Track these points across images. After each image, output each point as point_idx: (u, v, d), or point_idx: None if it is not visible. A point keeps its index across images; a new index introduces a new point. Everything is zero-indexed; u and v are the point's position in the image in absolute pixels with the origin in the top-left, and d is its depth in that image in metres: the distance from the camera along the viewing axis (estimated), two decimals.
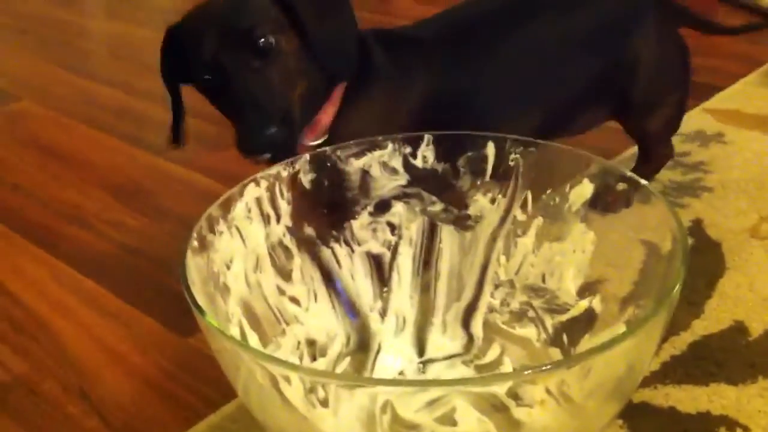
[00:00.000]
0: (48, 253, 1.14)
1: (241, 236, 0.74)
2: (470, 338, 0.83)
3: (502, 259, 0.83)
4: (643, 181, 0.72)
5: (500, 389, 0.68)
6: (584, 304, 0.77)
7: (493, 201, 0.83)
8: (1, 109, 1.71)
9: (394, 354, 0.83)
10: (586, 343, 0.75)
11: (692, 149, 1.24)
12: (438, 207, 0.85)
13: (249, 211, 0.76)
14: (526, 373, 0.69)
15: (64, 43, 2.14)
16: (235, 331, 0.70)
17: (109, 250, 1.15)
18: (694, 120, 1.34)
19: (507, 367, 0.79)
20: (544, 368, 0.62)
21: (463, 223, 0.85)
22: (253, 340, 0.72)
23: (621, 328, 0.70)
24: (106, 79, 1.85)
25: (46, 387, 0.88)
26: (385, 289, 0.85)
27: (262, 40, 0.86)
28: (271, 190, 0.78)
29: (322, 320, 0.81)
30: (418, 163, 0.84)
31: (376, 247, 0.85)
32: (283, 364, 0.58)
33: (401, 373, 0.81)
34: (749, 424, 0.74)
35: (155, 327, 0.97)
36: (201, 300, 0.60)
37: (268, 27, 0.87)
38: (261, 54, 0.86)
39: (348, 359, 0.81)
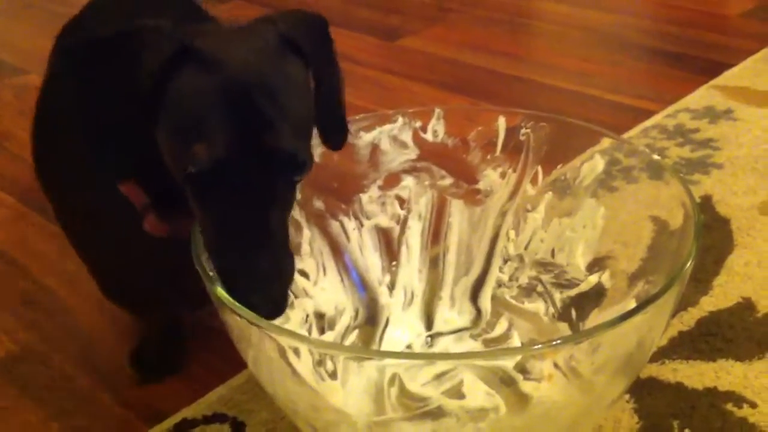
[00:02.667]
0: (57, 227, 1.14)
1: None
2: (478, 312, 0.83)
3: (512, 233, 0.83)
4: (656, 156, 0.72)
5: (508, 363, 0.68)
6: (593, 279, 0.77)
7: (503, 175, 0.83)
8: (8, 81, 1.70)
9: (402, 328, 0.83)
10: (595, 318, 0.75)
11: (701, 126, 1.23)
12: (448, 181, 0.85)
13: None
14: (535, 347, 0.70)
15: (70, 16, 2.13)
16: None
17: None
18: (703, 97, 1.34)
19: (515, 341, 0.79)
20: (553, 343, 0.62)
21: (472, 197, 0.84)
22: None
23: (630, 304, 0.70)
24: None
25: (57, 360, 0.89)
26: (394, 263, 0.85)
27: (303, 164, 0.60)
28: None
29: (330, 294, 0.81)
30: (428, 137, 0.84)
31: (385, 221, 0.85)
32: (292, 335, 0.58)
33: (409, 346, 0.81)
34: (756, 400, 0.74)
35: None
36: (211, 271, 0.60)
37: (308, 133, 0.63)
38: (289, 183, 0.61)
39: (356, 332, 0.81)
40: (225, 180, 0.57)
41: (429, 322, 0.84)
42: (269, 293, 0.58)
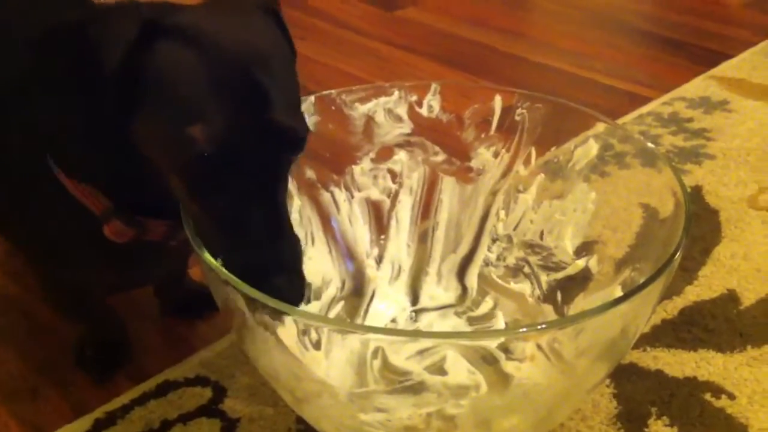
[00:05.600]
0: None
1: None
2: (464, 290, 0.84)
3: (502, 213, 0.83)
4: (650, 144, 0.72)
5: (492, 343, 0.69)
6: (581, 263, 0.77)
7: (496, 155, 0.83)
8: None
9: (387, 301, 0.83)
10: (580, 302, 0.76)
11: (696, 116, 1.23)
12: (440, 157, 0.84)
13: None
14: (520, 331, 0.70)
15: None
16: None
17: None
18: (700, 86, 1.33)
19: (499, 320, 0.80)
20: (538, 327, 0.63)
21: (464, 175, 0.84)
22: None
23: (616, 290, 0.70)
24: None
25: (39, 311, 0.88)
26: (383, 236, 0.85)
27: (303, 140, 0.56)
28: None
29: (318, 264, 0.81)
30: (424, 111, 0.83)
31: (375, 194, 0.85)
32: (279, 305, 0.58)
33: (394, 320, 0.81)
34: (735, 392, 0.75)
35: None
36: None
37: (300, 105, 0.59)
38: (288, 161, 0.57)
39: (342, 303, 0.82)
40: (226, 164, 0.52)
41: (415, 297, 0.84)
42: (292, 281, 0.55)
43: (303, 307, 0.76)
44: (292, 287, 0.54)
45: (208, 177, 0.53)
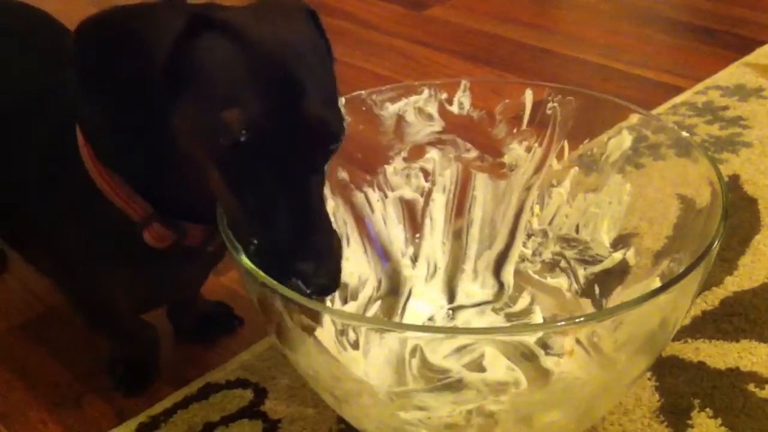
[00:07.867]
0: None
1: None
2: (501, 286, 0.83)
3: (536, 208, 0.83)
4: (685, 134, 0.71)
5: (530, 338, 0.69)
6: (618, 256, 0.76)
7: (528, 150, 0.82)
8: None
9: (424, 299, 0.83)
10: (618, 295, 0.75)
11: (731, 104, 1.22)
12: (472, 154, 0.84)
13: None
14: (558, 324, 0.70)
15: None
16: None
17: None
18: (734, 74, 1.32)
19: (537, 316, 0.80)
20: (576, 320, 0.62)
21: (497, 171, 0.84)
22: None
23: (654, 282, 0.70)
24: None
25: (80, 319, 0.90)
26: (417, 235, 0.85)
27: (338, 133, 0.57)
28: None
29: (354, 264, 0.81)
30: (454, 109, 0.83)
31: (409, 193, 0.85)
32: (316, 305, 0.58)
33: (431, 318, 0.82)
34: None
35: None
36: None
37: (337, 102, 0.60)
38: (324, 154, 0.58)
39: (378, 303, 0.82)
40: (260, 152, 0.53)
41: (451, 295, 0.84)
42: (326, 268, 0.55)
43: (340, 307, 0.77)
44: (322, 274, 0.54)
45: (243, 165, 0.54)
